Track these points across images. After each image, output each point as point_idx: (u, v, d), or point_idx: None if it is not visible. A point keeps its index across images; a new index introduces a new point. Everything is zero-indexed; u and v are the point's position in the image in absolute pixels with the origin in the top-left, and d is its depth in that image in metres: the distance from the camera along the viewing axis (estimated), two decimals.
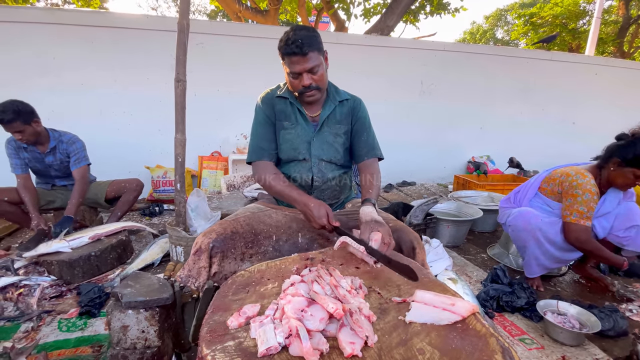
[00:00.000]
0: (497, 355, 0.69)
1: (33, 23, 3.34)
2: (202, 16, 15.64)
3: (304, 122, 1.49)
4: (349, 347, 0.69)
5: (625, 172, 1.72)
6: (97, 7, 8.49)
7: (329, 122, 1.50)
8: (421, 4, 6.85)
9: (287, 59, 1.32)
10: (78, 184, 2.42)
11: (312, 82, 1.35)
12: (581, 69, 5.18)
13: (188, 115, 2.05)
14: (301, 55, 1.28)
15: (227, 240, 1.24)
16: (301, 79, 1.34)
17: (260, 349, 0.69)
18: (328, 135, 1.50)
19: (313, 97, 1.41)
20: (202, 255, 1.21)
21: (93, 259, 2.04)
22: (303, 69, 1.31)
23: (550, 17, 12.54)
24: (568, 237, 1.81)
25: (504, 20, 19.72)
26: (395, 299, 0.89)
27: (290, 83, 1.39)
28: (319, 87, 1.39)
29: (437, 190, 4.53)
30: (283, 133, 1.50)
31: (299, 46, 1.26)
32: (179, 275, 1.25)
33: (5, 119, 2.17)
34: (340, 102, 1.52)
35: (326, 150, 1.50)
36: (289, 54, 1.29)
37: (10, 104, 2.21)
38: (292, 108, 1.49)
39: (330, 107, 1.50)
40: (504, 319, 1.74)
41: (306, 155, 1.49)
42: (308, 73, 1.33)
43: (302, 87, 1.35)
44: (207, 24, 3.97)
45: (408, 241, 1.33)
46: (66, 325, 1.62)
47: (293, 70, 1.32)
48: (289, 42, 1.28)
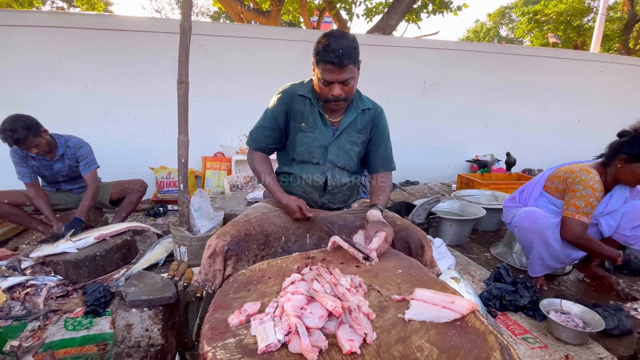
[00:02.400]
0: (495, 352, 0.69)
1: (39, 27, 3.39)
2: (205, 18, 15.73)
3: (323, 125, 1.46)
4: (347, 344, 0.70)
5: (633, 168, 1.70)
6: (102, 10, 8.57)
7: (348, 129, 1.48)
8: (423, 3, 6.83)
9: (322, 65, 1.26)
10: (90, 188, 2.44)
11: (342, 94, 1.31)
12: (586, 67, 5.13)
13: (191, 116, 2.07)
14: (338, 66, 1.23)
15: (241, 242, 1.25)
16: (332, 88, 1.30)
17: (260, 345, 0.70)
18: (346, 142, 1.48)
19: (338, 107, 1.40)
20: (217, 258, 1.21)
21: (98, 259, 2.07)
22: (337, 79, 1.27)
23: (555, 15, 12.43)
24: (562, 232, 1.79)
25: (508, 17, 19.58)
26: (395, 297, 0.89)
27: (320, 88, 1.34)
28: (347, 99, 1.36)
29: (440, 190, 4.51)
30: (300, 136, 1.47)
31: (338, 57, 1.21)
32: (196, 279, 1.26)
33: (20, 138, 2.12)
34: (363, 111, 1.50)
35: (342, 157, 1.49)
36: (326, 62, 1.23)
37: (16, 122, 2.13)
38: (312, 109, 1.45)
39: (353, 115, 1.47)
40: (507, 318, 1.73)
41: (320, 159, 1.48)
42: (340, 84, 1.29)
43: (332, 96, 1.32)
44: (209, 26, 4.00)
45: (417, 239, 1.34)
46: (72, 324, 1.64)
47: (326, 78, 1.27)
48: (328, 49, 1.22)
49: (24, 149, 2.23)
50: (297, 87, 1.48)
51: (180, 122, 2.02)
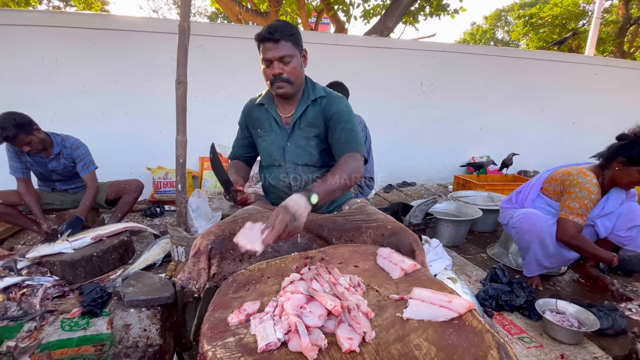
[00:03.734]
0: (492, 350, 0.70)
1: (36, 26, 3.37)
2: (202, 18, 15.71)
3: (277, 128, 1.50)
4: (346, 343, 0.70)
5: (631, 172, 1.73)
6: (99, 9, 8.53)
7: (300, 124, 1.47)
8: (421, 5, 6.87)
9: (261, 46, 1.34)
10: (90, 188, 2.44)
11: (283, 72, 1.34)
12: (581, 69, 5.19)
13: (189, 116, 2.07)
14: (273, 42, 1.30)
15: (225, 241, 1.25)
16: (272, 67, 1.34)
17: (260, 344, 0.70)
18: (300, 139, 1.47)
19: (282, 90, 1.38)
20: (201, 257, 1.23)
21: (95, 260, 2.06)
22: (274, 56, 1.32)
23: (550, 18, 12.56)
24: (557, 233, 1.82)
25: (504, 20, 19.73)
26: (393, 297, 0.90)
27: (264, 72, 1.39)
28: (290, 80, 1.37)
29: (437, 191, 4.53)
30: (259, 141, 1.55)
31: (271, 32, 1.29)
32: (180, 277, 1.26)
33: (9, 135, 2.11)
34: (314, 101, 1.46)
35: (300, 154, 1.48)
36: (262, 40, 1.32)
37: (6, 119, 2.11)
38: (266, 115, 1.51)
39: (302, 107, 1.45)
40: (503, 318, 1.75)
41: (281, 161, 1.50)
42: (279, 62, 1.33)
43: (272, 75, 1.35)
44: (207, 26, 4.00)
45: (407, 244, 1.31)
46: (69, 325, 1.63)
47: (265, 56, 1.33)
48: (264, 29, 1.32)
49: (15, 146, 2.22)
50: (255, 98, 1.59)
51: (179, 123, 2.01)
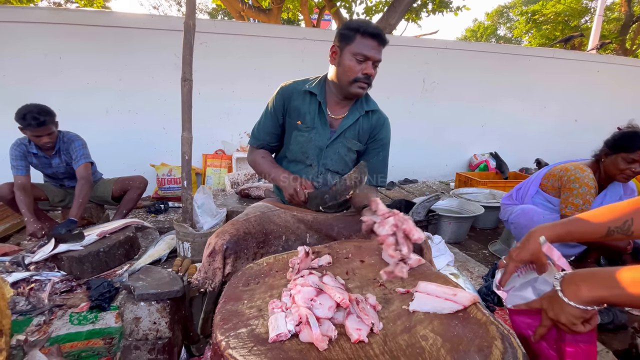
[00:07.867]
0: (496, 341, 0.72)
1: (39, 23, 3.38)
2: (203, 14, 15.67)
3: (321, 126, 1.42)
4: (355, 334, 0.73)
5: (614, 160, 1.80)
6: (100, 6, 8.52)
7: (347, 133, 1.44)
8: (423, 2, 6.86)
9: (363, 40, 1.28)
10: (79, 184, 2.33)
11: (372, 75, 1.35)
12: (583, 67, 5.18)
13: (192, 113, 2.09)
14: (379, 43, 1.30)
15: (240, 241, 1.25)
16: (366, 66, 1.32)
17: (271, 335, 0.73)
18: (342, 147, 1.45)
19: (362, 91, 1.38)
20: (216, 256, 1.23)
21: (102, 255, 2.08)
22: (375, 56, 1.31)
23: (553, 15, 12.50)
24: None
25: (506, 17, 19.65)
26: (399, 290, 0.92)
27: (349, 68, 1.32)
28: (371, 84, 1.38)
29: (439, 188, 4.55)
30: (295, 134, 1.44)
31: (380, 33, 1.27)
32: (196, 277, 1.27)
33: (43, 120, 2.16)
34: (367, 113, 1.46)
35: (337, 162, 1.46)
36: (371, 36, 1.28)
37: (38, 106, 2.19)
38: (311, 107, 1.42)
39: (355, 116, 1.43)
40: (504, 313, 1.77)
41: (314, 161, 1.45)
42: (374, 64, 1.33)
43: (363, 74, 1.32)
44: (210, 24, 4.00)
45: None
46: (77, 319, 1.66)
47: (366, 53, 1.29)
48: (370, 25, 1.28)
49: (39, 134, 2.23)
50: (299, 83, 1.46)
51: (184, 120, 2.03)
